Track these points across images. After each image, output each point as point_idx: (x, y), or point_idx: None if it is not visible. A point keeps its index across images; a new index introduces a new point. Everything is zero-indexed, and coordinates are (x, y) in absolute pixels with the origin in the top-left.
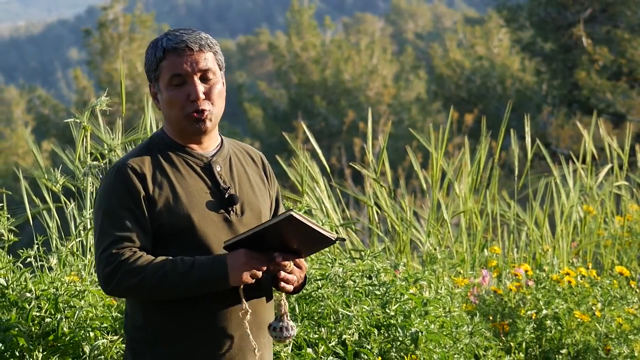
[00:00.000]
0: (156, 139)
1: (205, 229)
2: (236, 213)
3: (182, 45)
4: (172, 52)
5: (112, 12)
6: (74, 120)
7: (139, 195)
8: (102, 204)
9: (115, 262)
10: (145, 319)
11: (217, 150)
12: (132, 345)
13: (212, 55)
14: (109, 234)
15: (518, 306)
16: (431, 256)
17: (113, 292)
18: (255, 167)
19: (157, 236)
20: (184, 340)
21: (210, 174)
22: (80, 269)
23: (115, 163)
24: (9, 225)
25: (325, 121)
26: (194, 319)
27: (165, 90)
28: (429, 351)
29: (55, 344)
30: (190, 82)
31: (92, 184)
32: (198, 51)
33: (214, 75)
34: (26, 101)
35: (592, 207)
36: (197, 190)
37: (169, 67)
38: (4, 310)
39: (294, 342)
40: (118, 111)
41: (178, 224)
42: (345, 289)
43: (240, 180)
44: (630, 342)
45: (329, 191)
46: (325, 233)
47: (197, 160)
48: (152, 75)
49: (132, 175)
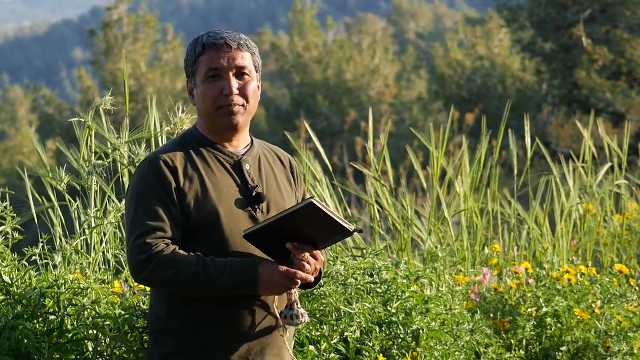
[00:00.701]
0: (189, 135)
1: (231, 225)
2: (262, 211)
3: (221, 42)
4: (211, 48)
5: (116, 13)
6: (78, 119)
7: (170, 187)
8: (135, 194)
9: (149, 252)
10: (168, 311)
11: (248, 150)
12: (154, 335)
13: (250, 56)
14: (142, 223)
15: (518, 304)
16: (432, 254)
17: (144, 281)
18: (283, 168)
19: (185, 228)
20: (205, 333)
21: (239, 171)
22: (84, 267)
23: (148, 156)
24: (13, 223)
25: (327, 120)
26: (216, 313)
27: (201, 84)
28: (429, 348)
29: (59, 341)
30: (225, 77)
31: (97, 182)
32: (236, 49)
33: (250, 73)
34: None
35: (592, 206)
36: (226, 187)
37: (206, 62)
38: (8, 308)
39: (296, 340)
40: (122, 110)
41: (205, 218)
42: (347, 287)
43: (267, 180)
44: (630, 339)
45: (331, 190)
46: (343, 223)
47: (227, 158)
48: (190, 70)
49: (164, 167)
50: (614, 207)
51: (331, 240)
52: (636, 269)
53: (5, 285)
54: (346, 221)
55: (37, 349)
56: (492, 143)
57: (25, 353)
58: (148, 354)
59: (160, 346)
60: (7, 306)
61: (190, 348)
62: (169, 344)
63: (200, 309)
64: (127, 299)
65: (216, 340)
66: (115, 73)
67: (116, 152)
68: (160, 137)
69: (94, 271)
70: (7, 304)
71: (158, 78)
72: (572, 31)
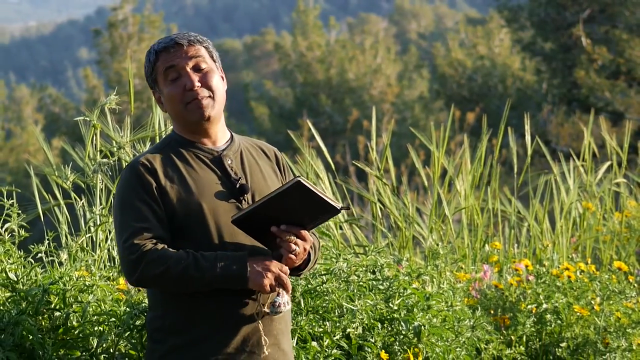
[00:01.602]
0: (168, 139)
1: (217, 218)
2: (248, 202)
3: (171, 43)
4: (163, 51)
5: (122, 13)
6: (84, 118)
7: (151, 187)
8: (119, 199)
9: (138, 253)
10: (164, 309)
11: (228, 145)
12: (152, 334)
13: (204, 49)
14: (129, 225)
15: (519, 300)
16: (433, 251)
17: (137, 282)
18: (268, 160)
19: (172, 227)
20: (200, 328)
21: (220, 166)
22: (90, 264)
23: (129, 162)
24: (20, 221)
25: (329, 119)
26: (210, 308)
27: (165, 88)
28: (431, 344)
29: (64, 337)
30: (184, 74)
31: (102, 180)
32: (187, 45)
33: (207, 64)
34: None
35: (592, 204)
36: (208, 181)
37: (162, 65)
38: (14, 304)
39: (299, 336)
40: (127, 109)
41: (190, 213)
42: (350, 284)
43: (252, 172)
44: (629, 335)
45: (333, 188)
46: (330, 201)
47: (207, 154)
48: (151, 80)
49: (143, 170)
50: (613, 205)
51: (319, 220)
52: (635, 266)
53: (11, 282)
54: (333, 199)
55: (41, 345)
56: (493, 142)
57: (30, 349)
58: (148, 354)
59: (159, 345)
60: (12, 303)
61: (188, 343)
62: (167, 342)
63: (194, 304)
64: (132, 296)
65: (212, 334)
66: (121, 72)
67: (121, 151)
68: (164, 136)
69: (99, 268)
70: (13, 301)
71: None
72: (571, 31)
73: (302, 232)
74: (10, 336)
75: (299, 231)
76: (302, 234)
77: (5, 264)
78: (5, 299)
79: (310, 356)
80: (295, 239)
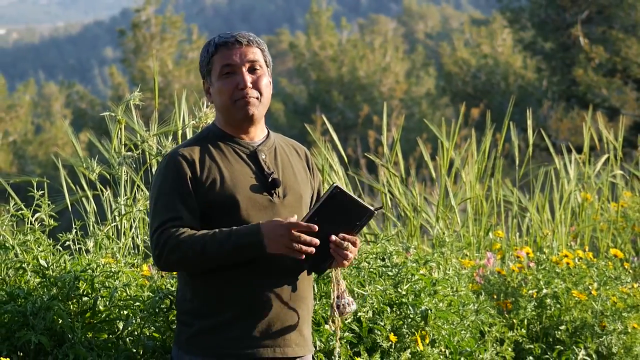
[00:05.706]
0: (206, 132)
1: (249, 210)
2: (279, 196)
3: (232, 40)
4: (223, 46)
5: (145, 14)
6: (110, 113)
7: (186, 178)
8: (155, 188)
9: (163, 240)
10: (192, 293)
11: (263, 141)
12: (180, 317)
13: (260, 52)
14: (160, 215)
15: (520, 286)
16: (440, 240)
17: (163, 267)
18: (299, 158)
19: (205, 216)
20: (226, 310)
21: (255, 160)
22: (115, 251)
23: (168, 152)
24: (49, 211)
25: (342, 115)
26: (236, 291)
27: (217, 81)
28: (437, 327)
29: (92, 321)
30: (239, 72)
31: (127, 172)
32: (246, 45)
33: (261, 68)
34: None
35: (590, 195)
36: (243, 174)
37: (220, 60)
38: (44, 290)
39: (313, 319)
40: (150, 105)
41: (224, 204)
42: (360, 270)
43: (284, 167)
44: (624, 319)
45: (346, 179)
46: (365, 204)
47: (243, 149)
48: (205, 70)
49: (182, 161)
50: (610, 196)
51: (359, 225)
52: (631, 253)
53: (42, 269)
54: (366, 203)
55: (70, 328)
56: (496, 136)
57: (60, 332)
58: (177, 336)
59: (186, 327)
60: (43, 288)
61: (214, 327)
62: (195, 325)
63: (222, 288)
64: (155, 281)
65: (237, 319)
66: (144, 70)
67: (145, 144)
68: (187, 130)
69: (124, 255)
70: (43, 286)
71: (184, 75)
72: (570, 31)
73: (354, 239)
74: (42, 320)
75: (354, 239)
76: (353, 239)
77: (36, 251)
78: (36, 284)
79: (323, 338)
80: (350, 245)
